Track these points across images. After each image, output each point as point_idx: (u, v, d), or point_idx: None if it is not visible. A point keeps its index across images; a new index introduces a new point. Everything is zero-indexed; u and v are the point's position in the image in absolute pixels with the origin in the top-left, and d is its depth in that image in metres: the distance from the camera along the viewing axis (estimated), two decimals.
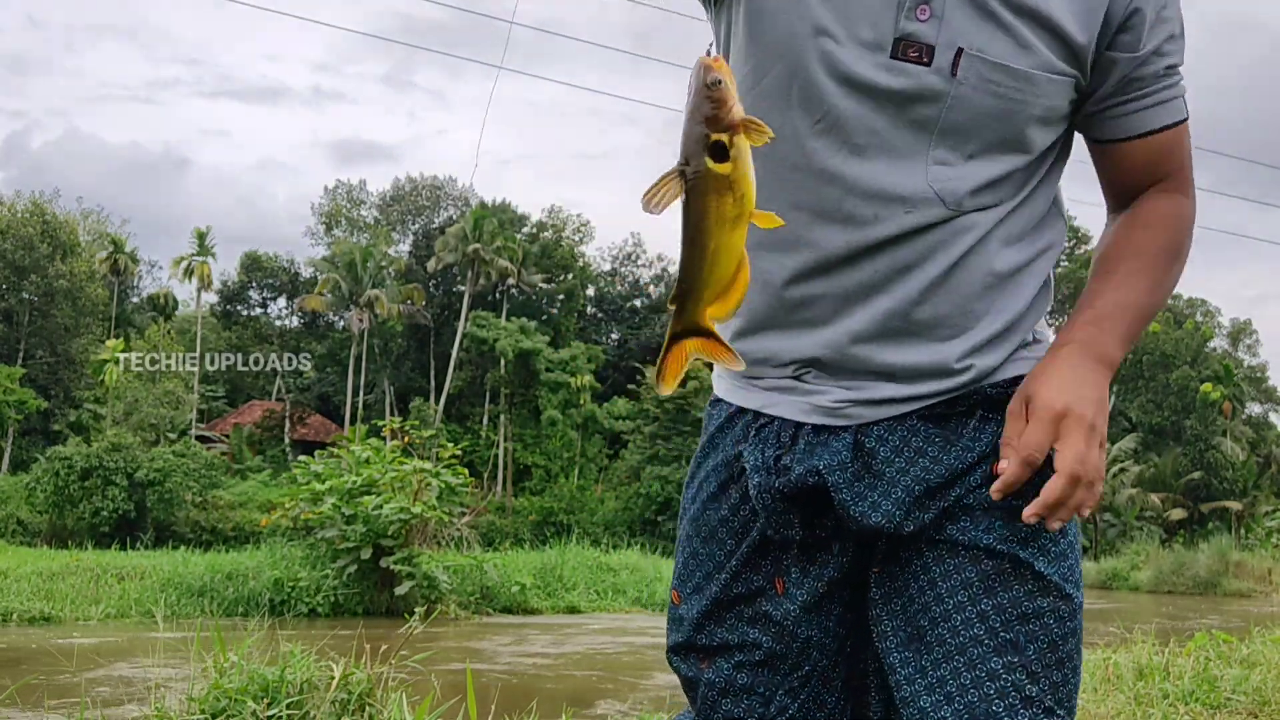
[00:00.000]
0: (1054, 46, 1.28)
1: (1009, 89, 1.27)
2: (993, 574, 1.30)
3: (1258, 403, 57.16)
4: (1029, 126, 1.30)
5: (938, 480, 1.33)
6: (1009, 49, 1.26)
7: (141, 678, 5.14)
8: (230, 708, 4.56)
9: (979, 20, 1.26)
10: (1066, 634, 1.30)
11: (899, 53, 1.27)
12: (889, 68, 1.27)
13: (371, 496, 20.71)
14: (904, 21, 1.26)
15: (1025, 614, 1.29)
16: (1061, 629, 1.30)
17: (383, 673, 4.97)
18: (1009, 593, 1.29)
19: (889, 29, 1.27)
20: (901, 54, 1.27)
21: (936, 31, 1.26)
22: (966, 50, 1.26)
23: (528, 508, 42.07)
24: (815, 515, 1.38)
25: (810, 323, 1.36)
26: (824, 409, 1.37)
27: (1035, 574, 1.30)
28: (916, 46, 1.26)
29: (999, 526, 1.31)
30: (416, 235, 57.04)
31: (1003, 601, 1.29)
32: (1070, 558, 1.33)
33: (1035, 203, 1.37)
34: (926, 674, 1.30)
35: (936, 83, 1.27)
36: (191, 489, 35.69)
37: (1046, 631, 1.29)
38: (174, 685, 5.11)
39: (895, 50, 1.27)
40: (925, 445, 1.34)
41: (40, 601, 21.80)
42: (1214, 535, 42.02)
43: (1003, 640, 1.28)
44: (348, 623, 14.22)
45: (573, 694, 12.88)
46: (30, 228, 47.36)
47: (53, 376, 46.65)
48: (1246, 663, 6.57)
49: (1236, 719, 5.37)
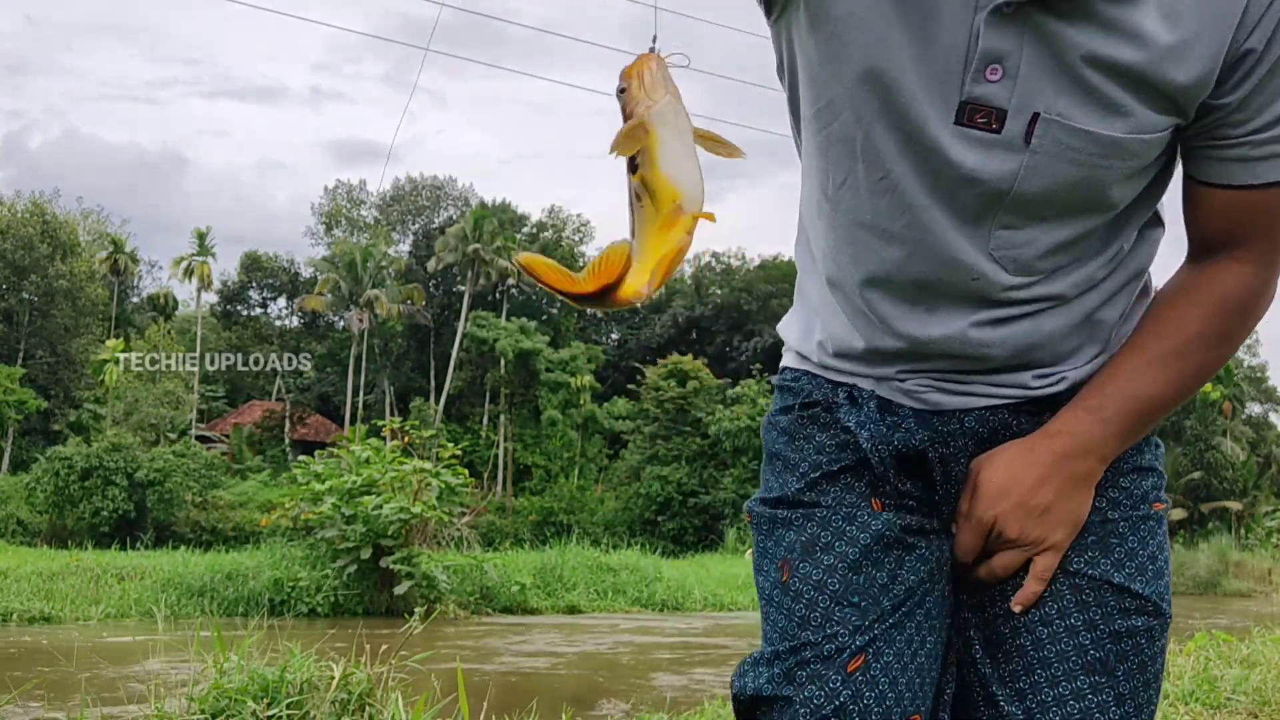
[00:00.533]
0: (1152, 101, 1.12)
1: (1092, 155, 1.13)
2: (1087, 589, 1.23)
3: (1258, 403, 57.14)
4: (1115, 187, 1.17)
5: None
6: (1094, 112, 1.12)
7: (141, 678, 5.13)
8: (230, 708, 4.56)
9: (1059, 78, 1.11)
10: (1156, 653, 1.24)
11: (966, 118, 1.13)
12: (956, 134, 1.14)
13: (371, 496, 20.72)
14: (971, 84, 1.12)
15: (1118, 632, 1.22)
16: (1152, 648, 1.24)
17: (382, 673, 4.98)
18: (1102, 609, 1.23)
19: (955, 90, 1.13)
20: (969, 120, 1.13)
21: (1009, 93, 1.12)
22: (1043, 115, 1.12)
23: (528, 508, 42.07)
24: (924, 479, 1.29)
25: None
26: (909, 392, 1.28)
27: (1133, 594, 1.23)
28: (985, 111, 1.13)
29: (1092, 546, 1.24)
30: (416, 235, 57.05)
31: (1094, 618, 1.22)
32: (1167, 573, 1.27)
33: (1121, 241, 1.25)
34: (1005, 683, 1.24)
35: (1008, 152, 1.14)
36: (191, 489, 35.69)
37: (1138, 651, 1.22)
38: (174, 685, 5.10)
39: (961, 115, 1.13)
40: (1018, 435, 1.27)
41: (40, 601, 21.80)
42: (1214, 535, 42.05)
43: (1092, 659, 1.21)
44: (347, 623, 14.22)
45: (573, 694, 12.88)
46: (30, 228, 47.37)
47: (53, 376, 46.65)
48: (1246, 663, 6.58)
49: (1236, 719, 5.37)
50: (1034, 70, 1.11)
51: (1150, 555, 1.25)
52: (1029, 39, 1.11)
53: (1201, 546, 38.70)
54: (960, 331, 1.23)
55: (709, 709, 6.83)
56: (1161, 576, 1.25)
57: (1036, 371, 1.27)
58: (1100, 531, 1.25)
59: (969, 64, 1.12)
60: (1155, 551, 1.26)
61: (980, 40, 1.11)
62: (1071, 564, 1.24)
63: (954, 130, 1.14)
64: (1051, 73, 1.11)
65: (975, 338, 1.24)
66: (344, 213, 58.75)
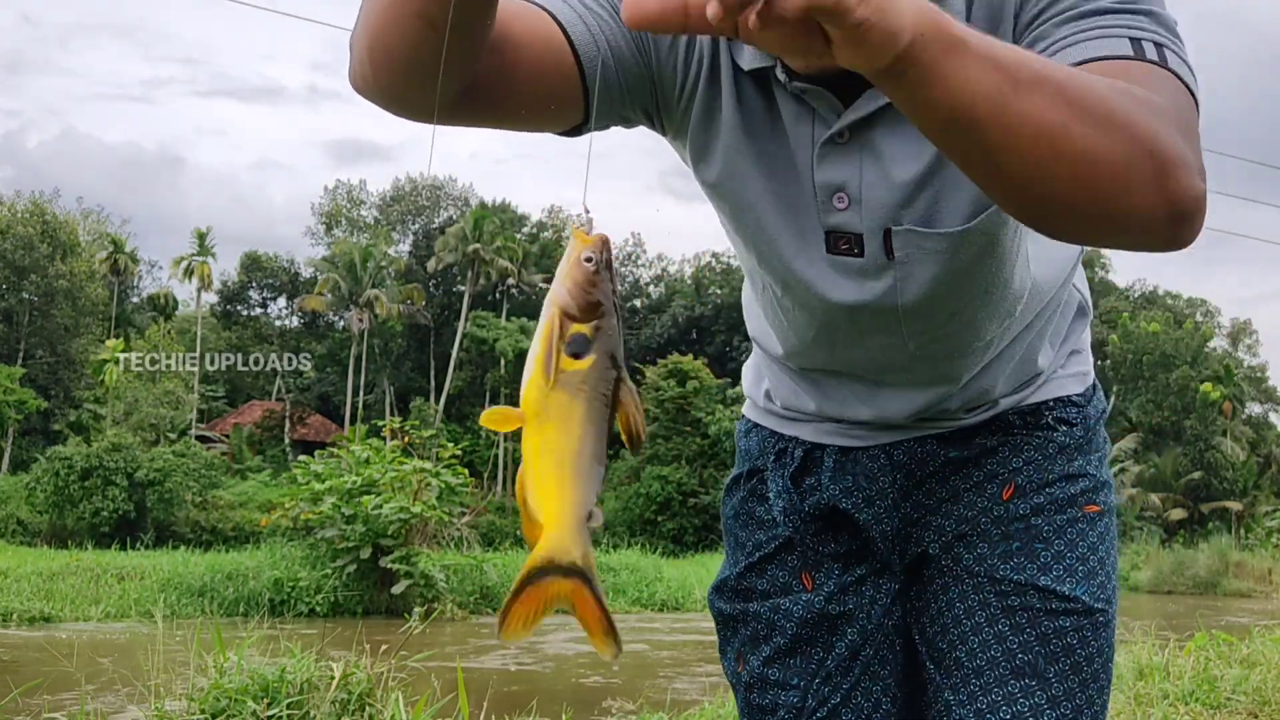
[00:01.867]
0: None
1: (954, 249, 1.14)
2: (1012, 595, 1.25)
3: (1258, 403, 57.11)
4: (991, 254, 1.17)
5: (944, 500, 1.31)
6: (936, 210, 1.13)
7: (141, 678, 5.13)
8: (230, 708, 4.56)
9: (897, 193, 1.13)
10: (1093, 653, 1.24)
11: (832, 247, 1.18)
12: (831, 265, 1.19)
13: (371, 496, 20.70)
14: (824, 215, 1.17)
15: (1045, 634, 1.23)
16: (1086, 649, 1.24)
17: (382, 672, 4.97)
18: (1028, 613, 1.24)
19: (816, 224, 1.17)
20: (836, 248, 1.18)
21: (859, 217, 1.15)
22: (894, 229, 1.14)
23: None
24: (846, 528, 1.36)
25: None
26: (844, 430, 1.35)
27: (1059, 596, 1.24)
28: (846, 238, 1.17)
29: (1017, 553, 1.26)
30: (416, 235, 57.02)
31: (1021, 622, 1.24)
32: (1101, 573, 1.27)
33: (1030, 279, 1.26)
34: (950, 693, 1.27)
35: (878, 270, 1.17)
36: (191, 489, 35.66)
37: (1069, 652, 1.23)
38: (174, 685, 5.10)
39: (829, 245, 1.18)
40: (942, 468, 1.31)
41: (40, 601, 21.79)
42: (1214, 535, 42.00)
43: (1021, 663, 1.23)
44: (347, 623, 14.21)
45: (572, 694, 12.88)
46: (30, 228, 47.35)
47: (53, 376, 46.63)
48: (1246, 663, 6.58)
49: (1236, 719, 5.37)
50: (875, 191, 1.13)
51: (1080, 556, 1.25)
52: (868, 162, 1.12)
53: (1201, 546, 38.66)
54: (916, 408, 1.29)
55: (709, 709, 6.83)
56: (1094, 576, 1.25)
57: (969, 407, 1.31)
58: (1025, 537, 1.26)
59: (818, 198, 1.15)
60: (1086, 553, 1.26)
61: (815, 174, 1.14)
62: (998, 571, 1.26)
63: (829, 261, 1.18)
64: (889, 189, 1.12)
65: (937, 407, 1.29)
66: (344, 213, 58.72)
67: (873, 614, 1.33)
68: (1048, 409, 1.31)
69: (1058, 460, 1.29)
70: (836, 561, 1.35)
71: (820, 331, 1.25)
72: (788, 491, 1.36)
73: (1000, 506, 1.28)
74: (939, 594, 1.29)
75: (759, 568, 1.40)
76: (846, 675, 1.32)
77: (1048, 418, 1.31)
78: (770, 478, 1.39)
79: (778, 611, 1.36)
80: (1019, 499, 1.28)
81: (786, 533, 1.37)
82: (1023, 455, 1.29)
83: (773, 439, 1.41)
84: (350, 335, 49.01)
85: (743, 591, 1.40)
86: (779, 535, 1.38)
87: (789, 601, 1.36)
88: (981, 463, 1.30)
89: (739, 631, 1.41)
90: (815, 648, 1.34)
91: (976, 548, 1.28)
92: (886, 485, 1.31)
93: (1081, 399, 1.34)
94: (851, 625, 1.33)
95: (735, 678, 1.41)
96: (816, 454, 1.36)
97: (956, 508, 1.30)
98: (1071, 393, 1.34)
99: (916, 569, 1.33)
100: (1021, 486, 1.28)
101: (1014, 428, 1.30)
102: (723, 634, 1.44)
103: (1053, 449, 1.29)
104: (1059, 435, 1.30)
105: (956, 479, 1.30)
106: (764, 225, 1.19)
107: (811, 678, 1.34)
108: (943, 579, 1.30)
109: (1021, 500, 1.27)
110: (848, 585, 1.34)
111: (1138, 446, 46.69)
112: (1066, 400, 1.33)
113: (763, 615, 1.38)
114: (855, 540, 1.34)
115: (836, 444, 1.34)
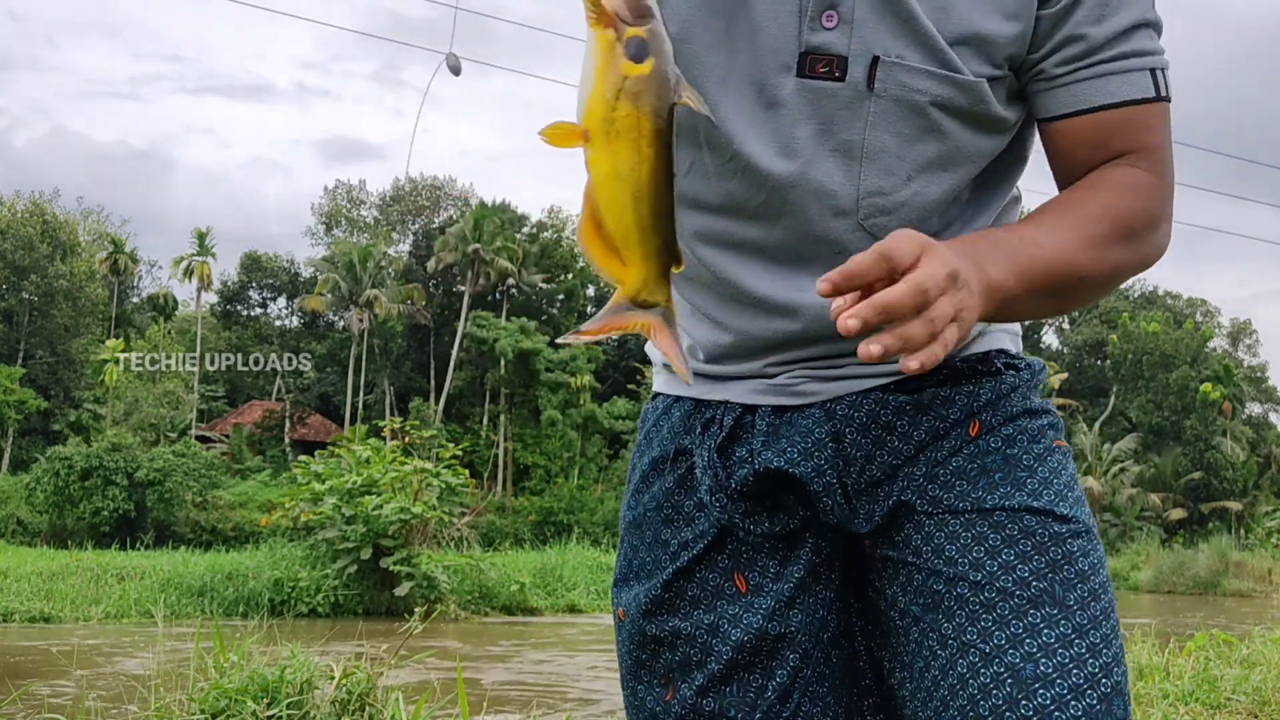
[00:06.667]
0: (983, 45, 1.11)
1: (936, 97, 1.10)
2: (1008, 523, 1.14)
3: (1258, 403, 57.15)
4: (966, 137, 1.14)
5: (908, 455, 1.19)
6: (930, 52, 1.10)
7: (141, 678, 5.14)
8: (230, 708, 4.56)
9: (894, 22, 1.09)
10: (1105, 579, 1.15)
11: (807, 69, 1.10)
12: (799, 89, 1.10)
13: (371, 496, 20.74)
14: (809, 33, 1.10)
15: (1055, 560, 1.12)
16: (1098, 574, 1.14)
17: (382, 673, 4.98)
18: (1030, 539, 1.13)
19: (793, 43, 1.10)
20: (811, 70, 1.10)
21: (848, 39, 1.09)
22: (883, 58, 1.09)
23: (528, 508, 42.05)
24: (783, 504, 1.22)
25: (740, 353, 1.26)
26: (780, 387, 1.21)
27: (1059, 517, 1.15)
28: (826, 60, 1.10)
29: (1001, 483, 1.17)
30: (416, 235, 57.04)
31: (1026, 549, 1.13)
32: (1076, 488, 1.19)
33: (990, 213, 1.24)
34: (949, 642, 1.12)
35: (853, 99, 1.10)
36: (191, 489, 35.68)
37: (1083, 578, 1.12)
38: (174, 685, 5.10)
39: (803, 67, 1.10)
40: (894, 419, 1.19)
41: (40, 601, 21.82)
42: (1214, 535, 42.05)
43: (1036, 591, 1.11)
44: (348, 623, 14.22)
45: (572, 694, 12.89)
46: (30, 228, 47.39)
47: (53, 376, 46.66)
48: (1246, 663, 6.58)
49: (1236, 719, 5.37)
50: (869, 15, 1.09)
51: (1066, 484, 1.18)
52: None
53: (1201, 546, 38.70)
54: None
55: None
56: (1082, 505, 1.18)
57: None
58: (1005, 468, 1.18)
59: (804, 13, 1.10)
60: (1070, 480, 1.19)
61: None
62: (985, 502, 1.16)
63: (798, 84, 1.11)
64: (886, 16, 1.09)
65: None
66: (344, 213, 58.76)
67: (812, 628, 1.22)
68: (994, 356, 1.24)
69: (1013, 399, 1.22)
70: (772, 557, 1.22)
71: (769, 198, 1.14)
72: (714, 466, 1.21)
73: (971, 444, 1.19)
74: (925, 542, 1.17)
75: (688, 573, 1.24)
76: (786, 703, 1.21)
77: (996, 364, 1.23)
78: (697, 453, 1.24)
79: (714, 633, 1.22)
80: (987, 434, 1.20)
81: (713, 520, 1.23)
82: (980, 398, 1.21)
83: (697, 411, 1.27)
84: (350, 335, 49.02)
85: (669, 605, 1.24)
86: (706, 532, 1.23)
87: (723, 620, 1.22)
88: (935, 408, 1.20)
89: (663, 656, 1.25)
90: (754, 674, 1.22)
91: (955, 486, 1.18)
92: (825, 437, 1.19)
93: (1019, 356, 1.29)
94: (793, 649, 1.21)
95: (663, 708, 1.25)
96: (747, 419, 1.22)
97: (923, 453, 1.19)
98: (1008, 347, 1.27)
99: (886, 529, 1.21)
100: (987, 422, 1.20)
101: (962, 375, 1.22)
102: (638, 657, 1.27)
103: (1006, 388, 1.22)
104: (1009, 378, 1.23)
105: (911, 427, 1.20)
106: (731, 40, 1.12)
107: (751, 709, 1.22)
108: (925, 529, 1.18)
109: (991, 435, 1.20)
110: (786, 596, 1.21)
111: (1138, 446, 46.71)
112: (1005, 351, 1.26)
113: (696, 637, 1.23)
114: (793, 517, 1.21)
115: (770, 404, 1.22)
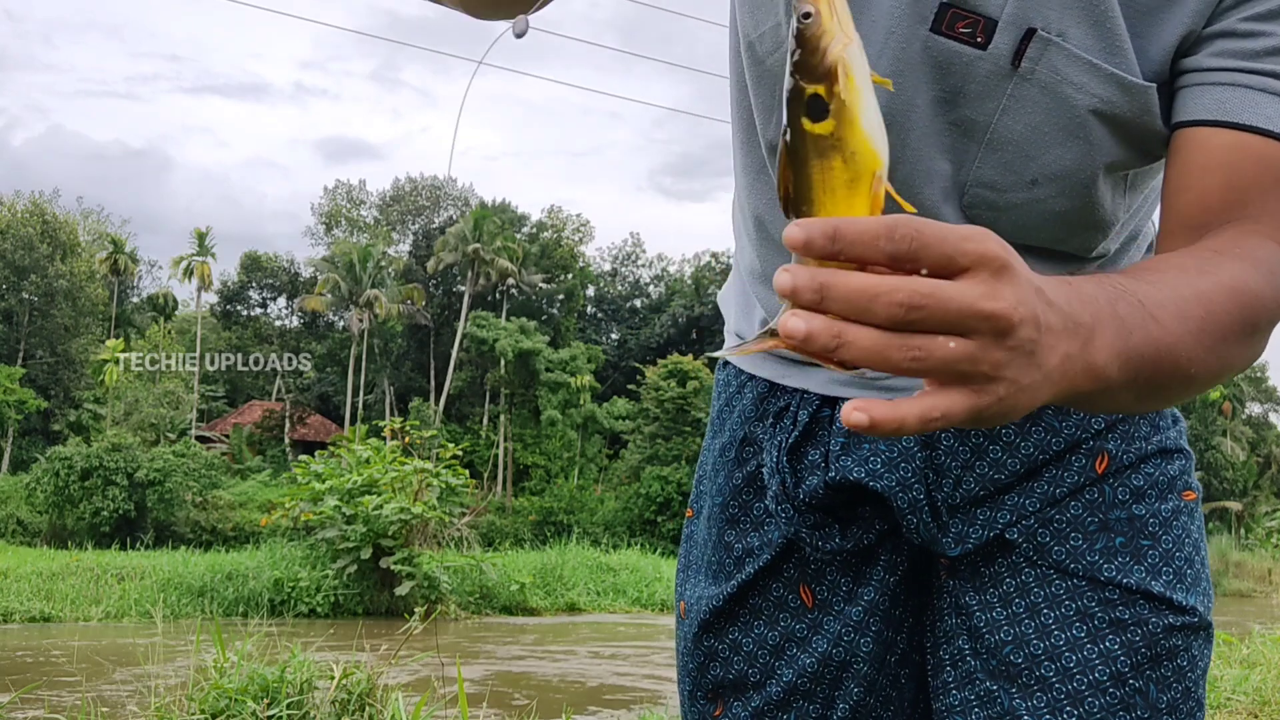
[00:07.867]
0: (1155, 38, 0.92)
1: (1090, 97, 0.91)
2: (1120, 604, 1.01)
3: (1258, 403, 57.13)
4: (1117, 151, 0.95)
5: (1014, 471, 1.04)
6: (1103, 38, 0.91)
7: (141, 678, 5.13)
8: (230, 708, 4.56)
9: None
10: (1199, 677, 1.03)
11: (945, 25, 0.92)
12: (928, 46, 0.93)
13: (372, 496, 20.73)
14: None
15: (1158, 655, 1.00)
16: (1195, 671, 1.03)
17: (382, 673, 4.98)
18: (1141, 629, 1.00)
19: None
20: (949, 27, 0.92)
21: (1002, 1, 0.91)
22: (1040, 32, 0.90)
23: (528, 508, 42.04)
24: (858, 517, 1.08)
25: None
26: (867, 379, 1.05)
27: (1176, 607, 1.01)
28: (970, 19, 0.92)
29: (1121, 549, 1.02)
30: (416, 235, 57.05)
31: (1134, 639, 1.00)
32: (1205, 577, 1.05)
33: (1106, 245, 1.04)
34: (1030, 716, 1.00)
35: (991, 74, 0.92)
36: (191, 489, 35.68)
37: (1180, 676, 1.01)
38: (174, 685, 5.10)
39: (940, 21, 0.92)
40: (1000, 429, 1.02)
41: (40, 601, 21.81)
42: (1214, 535, 42.03)
43: (1129, 691, 0.99)
44: (348, 623, 14.22)
45: (572, 694, 12.88)
46: (30, 228, 47.39)
47: (53, 376, 46.65)
48: (1246, 663, 6.58)
49: (1237, 719, 5.37)
50: None
51: (1187, 558, 1.03)
52: None
53: None
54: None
55: None
56: (1199, 582, 1.04)
57: None
58: (1130, 531, 1.02)
59: None
60: (1191, 553, 1.04)
61: None
62: (1101, 572, 1.01)
63: (926, 39, 0.93)
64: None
65: None
66: (344, 213, 58.75)
67: (879, 656, 1.10)
68: None
69: (1143, 426, 1.06)
70: (844, 573, 1.10)
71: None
72: (781, 471, 1.08)
73: (1095, 488, 1.04)
74: (1018, 594, 1.03)
75: (751, 584, 1.12)
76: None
77: None
78: (766, 449, 1.11)
79: (777, 654, 1.11)
80: (1115, 477, 1.04)
81: (781, 532, 1.11)
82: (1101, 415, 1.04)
83: (771, 396, 1.12)
84: (350, 335, 49.02)
85: (729, 615, 1.13)
86: (774, 542, 1.11)
87: (787, 640, 1.12)
88: (1046, 416, 1.04)
89: (714, 670, 1.15)
90: (814, 703, 1.11)
91: (1069, 539, 1.03)
92: (915, 444, 1.04)
93: None
94: (857, 681, 1.10)
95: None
96: (825, 413, 1.08)
97: (1038, 484, 1.04)
98: None
99: (974, 561, 1.07)
100: (1116, 457, 1.04)
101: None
102: (689, 664, 1.17)
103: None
104: None
105: (1018, 436, 1.04)
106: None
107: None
108: (1023, 576, 1.04)
109: (1119, 480, 1.04)
110: (855, 620, 1.09)
111: None
112: None
113: (757, 656, 1.12)
114: (868, 532, 1.08)
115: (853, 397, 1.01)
